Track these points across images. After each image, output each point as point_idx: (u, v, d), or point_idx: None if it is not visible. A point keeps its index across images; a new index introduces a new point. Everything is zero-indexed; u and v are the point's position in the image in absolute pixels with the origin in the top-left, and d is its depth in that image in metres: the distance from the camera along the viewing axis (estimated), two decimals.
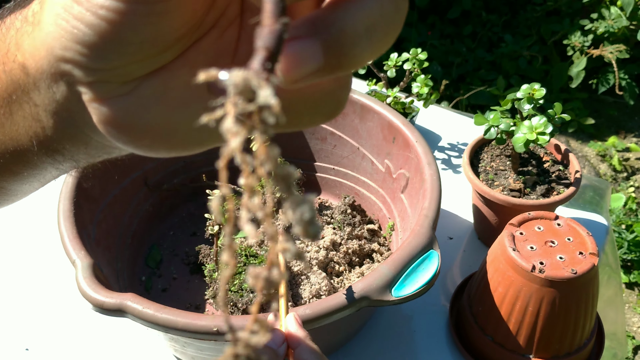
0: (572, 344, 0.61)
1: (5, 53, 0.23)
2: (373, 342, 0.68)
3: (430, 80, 0.87)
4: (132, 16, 0.18)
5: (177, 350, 0.62)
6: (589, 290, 0.59)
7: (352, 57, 0.19)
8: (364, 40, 0.19)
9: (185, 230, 0.81)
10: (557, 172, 0.75)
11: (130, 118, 0.21)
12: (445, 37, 2.27)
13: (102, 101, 0.21)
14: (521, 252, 0.58)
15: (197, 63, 0.22)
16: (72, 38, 0.19)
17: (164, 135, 0.22)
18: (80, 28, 0.19)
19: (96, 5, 0.18)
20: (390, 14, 0.19)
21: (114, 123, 0.21)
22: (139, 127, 0.21)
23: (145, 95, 0.21)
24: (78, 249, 0.57)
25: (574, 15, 2.19)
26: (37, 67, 0.21)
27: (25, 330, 0.70)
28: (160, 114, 0.21)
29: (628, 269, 1.65)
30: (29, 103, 0.23)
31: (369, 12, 0.19)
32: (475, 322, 0.64)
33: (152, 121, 0.21)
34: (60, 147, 0.24)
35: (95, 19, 0.19)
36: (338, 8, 0.19)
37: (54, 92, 0.22)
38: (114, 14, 0.18)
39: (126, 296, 0.53)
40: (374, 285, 0.53)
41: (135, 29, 0.19)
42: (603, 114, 2.15)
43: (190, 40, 0.22)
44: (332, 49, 0.18)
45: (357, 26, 0.18)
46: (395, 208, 0.75)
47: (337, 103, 0.21)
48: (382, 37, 0.19)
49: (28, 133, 0.24)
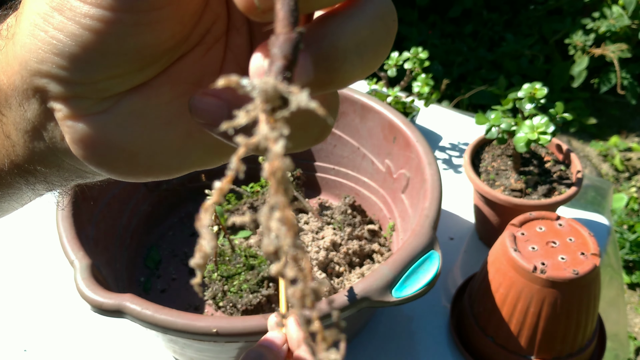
0: (573, 345, 0.60)
1: None
2: (373, 343, 0.68)
3: (431, 80, 0.87)
4: (118, 26, 0.18)
5: (177, 351, 0.61)
6: (591, 291, 0.58)
7: (343, 73, 0.18)
8: (355, 57, 0.18)
9: (185, 230, 0.81)
10: (559, 172, 0.74)
11: (106, 137, 0.20)
12: (446, 36, 2.27)
13: (78, 118, 0.20)
14: (522, 253, 0.58)
15: (180, 81, 0.21)
16: (51, 49, 0.18)
17: (142, 158, 0.21)
18: (60, 39, 0.18)
19: (80, 14, 0.18)
20: (381, 33, 0.19)
21: (89, 143, 0.20)
22: (115, 148, 0.20)
23: (124, 113, 0.20)
24: (76, 249, 0.57)
25: (576, 14, 2.18)
26: (9, 83, 0.20)
27: (23, 332, 0.70)
28: (139, 134, 0.20)
29: (630, 269, 1.64)
30: (1, 120, 0.22)
31: (360, 29, 0.18)
32: (476, 323, 0.64)
33: (130, 142, 0.20)
34: (31, 167, 0.23)
35: (78, 28, 0.18)
36: (329, 22, 0.18)
37: (25, 109, 0.21)
38: (99, 23, 0.18)
39: (125, 297, 0.52)
40: (374, 286, 0.53)
41: (120, 40, 0.18)
42: (605, 113, 2.14)
43: (175, 56, 0.21)
44: (323, 63, 0.18)
45: (348, 42, 0.18)
46: (395, 208, 0.74)
47: (325, 126, 0.21)
48: (372, 55, 0.19)
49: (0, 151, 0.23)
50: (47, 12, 0.18)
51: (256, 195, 0.78)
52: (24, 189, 0.25)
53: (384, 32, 0.19)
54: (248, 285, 0.66)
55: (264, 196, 0.78)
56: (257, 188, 0.79)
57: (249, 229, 0.77)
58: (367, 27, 0.19)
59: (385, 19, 0.19)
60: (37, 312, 0.72)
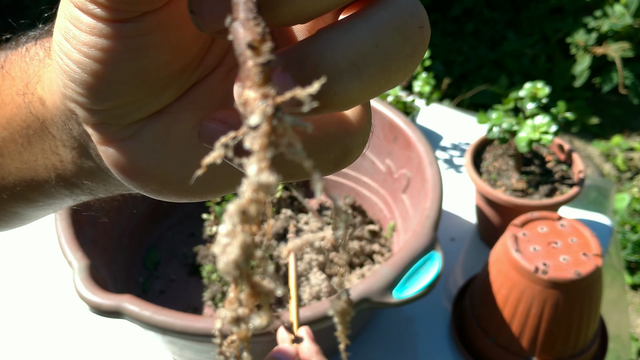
0: (575, 346, 0.60)
1: (26, 84, 0.22)
2: (374, 344, 0.68)
3: (432, 79, 0.86)
4: (113, 53, 0.17)
5: (175, 352, 0.61)
6: (593, 291, 0.58)
7: (334, 95, 0.16)
8: (348, 76, 0.16)
9: (183, 231, 0.80)
10: (561, 172, 0.74)
11: (134, 163, 0.20)
12: (447, 35, 2.26)
13: (108, 143, 0.20)
14: (524, 253, 0.58)
15: (202, 105, 0.20)
16: (67, 76, 0.18)
17: (171, 182, 0.20)
18: (71, 66, 0.18)
19: (80, 43, 0.17)
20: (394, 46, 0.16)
21: (120, 166, 0.20)
22: (144, 172, 0.20)
23: (148, 140, 0.20)
24: (75, 250, 0.57)
25: (578, 13, 2.18)
26: (53, 102, 0.21)
27: (22, 332, 0.70)
28: (164, 160, 0.20)
29: (632, 270, 1.64)
30: (48, 136, 0.22)
31: (355, 44, 0.16)
32: (478, 324, 0.64)
33: (158, 166, 0.20)
34: (78, 182, 0.23)
35: (81, 57, 0.18)
36: (317, 39, 0.16)
37: (69, 128, 0.21)
38: (97, 51, 0.17)
39: (123, 298, 0.52)
40: (374, 286, 0.52)
41: (118, 67, 0.18)
42: (607, 113, 2.13)
43: (192, 80, 0.20)
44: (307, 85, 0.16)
45: (337, 60, 0.16)
46: (396, 208, 0.74)
47: (345, 150, 0.19)
48: (379, 73, 0.16)
49: (47, 165, 0.24)
50: (59, 39, 0.18)
51: None
52: (65, 199, 0.26)
53: (399, 44, 0.16)
54: None
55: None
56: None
57: None
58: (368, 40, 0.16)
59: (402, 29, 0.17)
60: (36, 313, 0.72)
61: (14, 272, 0.77)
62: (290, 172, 0.18)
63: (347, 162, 0.19)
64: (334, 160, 0.19)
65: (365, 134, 0.19)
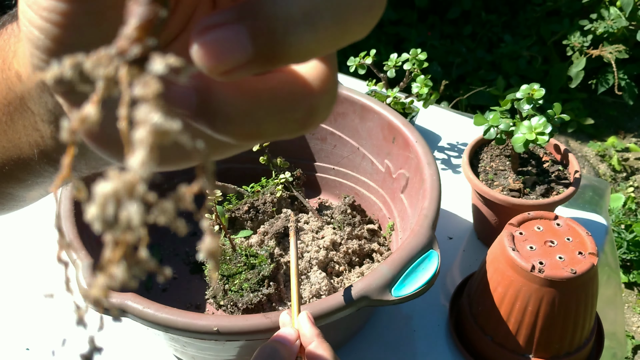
0: (571, 344, 0.61)
1: (4, 60, 0.23)
2: (373, 342, 0.68)
3: (430, 81, 0.87)
4: (72, 16, 0.17)
5: (178, 350, 0.62)
6: (589, 290, 0.59)
7: (290, 47, 0.16)
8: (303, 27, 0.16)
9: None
10: (557, 172, 0.75)
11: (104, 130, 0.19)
12: (445, 38, 2.27)
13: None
14: (521, 252, 0.58)
15: None
16: (33, 44, 0.18)
17: None
18: (34, 33, 0.18)
19: (41, 8, 0.18)
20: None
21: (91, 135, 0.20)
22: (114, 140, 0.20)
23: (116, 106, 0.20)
24: (79, 248, 0.57)
25: (574, 16, 2.19)
26: (27, 75, 0.21)
27: (25, 330, 0.70)
28: None
29: (627, 268, 1.65)
30: (27, 112, 0.22)
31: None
32: (475, 322, 0.64)
33: None
34: (59, 156, 0.23)
35: (42, 22, 0.18)
36: None
37: (45, 101, 0.21)
38: (57, 16, 0.17)
39: (126, 296, 0.53)
40: (373, 285, 0.53)
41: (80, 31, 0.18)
42: (602, 114, 2.15)
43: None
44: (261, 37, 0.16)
45: (291, 11, 0.16)
46: (395, 208, 0.75)
47: (310, 109, 0.18)
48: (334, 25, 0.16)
49: (29, 141, 0.24)
50: (23, 7, 0.18)
51: (257, 195, 0.78)
52: (52, 177, 0.25)
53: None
54: (249, 285, 0.66)
55: (264, 196, 0.78)
56: (258, 188, 0.80)
57: (249, 228, 0.77)
58: None
59: None
60: (40, 311, 0.72)
61: (17, 270, 0.77)
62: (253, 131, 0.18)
63: (313, 122, 0.18)
64: (300, 120, 0.18)
65: (331, 95, 0.19)
